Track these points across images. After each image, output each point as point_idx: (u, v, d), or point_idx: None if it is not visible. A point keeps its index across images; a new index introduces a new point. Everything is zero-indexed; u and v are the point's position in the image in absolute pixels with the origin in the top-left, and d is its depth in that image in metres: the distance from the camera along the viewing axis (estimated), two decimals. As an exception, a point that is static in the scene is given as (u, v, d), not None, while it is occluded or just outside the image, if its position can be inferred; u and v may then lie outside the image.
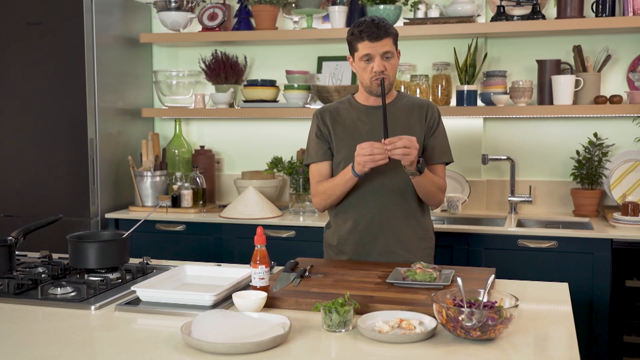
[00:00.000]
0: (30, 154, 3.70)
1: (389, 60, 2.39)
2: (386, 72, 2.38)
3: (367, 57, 2.38)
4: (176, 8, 3.89)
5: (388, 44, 2.37)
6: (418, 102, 2.54)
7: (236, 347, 1.56)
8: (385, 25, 2.38)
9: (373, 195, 2.47)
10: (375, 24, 2.36)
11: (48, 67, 3.62)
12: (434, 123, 2.52)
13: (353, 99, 2.56)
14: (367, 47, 2.36)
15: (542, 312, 1.94)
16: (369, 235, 2.49)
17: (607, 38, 3.55)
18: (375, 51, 2.36)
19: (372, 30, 2.35)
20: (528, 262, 3.14)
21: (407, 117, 2.49)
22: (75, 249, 2.24)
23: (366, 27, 2.36)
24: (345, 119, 2.52)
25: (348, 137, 2.49)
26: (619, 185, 3.42)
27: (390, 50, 2.38)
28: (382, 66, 2.37)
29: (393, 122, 2.44)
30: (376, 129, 2.44)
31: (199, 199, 3.76)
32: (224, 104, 3.91)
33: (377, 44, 2.35)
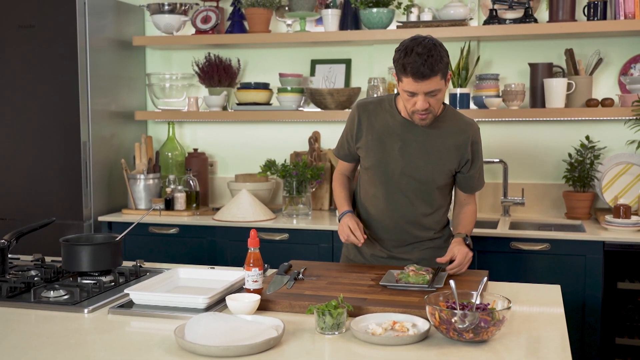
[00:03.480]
0: (23, 156, 3.69)
1: (435, 96, 2.23)
2: (430, 108, 2.24)
3: (411, 94, 2.22)
4: (169, 11, 3.89)
5: (434, 81, 2.18)
6: (460, 125, 2.38)
7: (229, 349, 1.56)
8: (433, 61, 2.15)
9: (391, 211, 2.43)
10: (423, 60, 2.13)
11: (41, 70, 3.62)
12: (474, 154, 2.39)
13: (394, 105, 2.40)
14: (410, 84, 2.18)
15: (535, 314, 1.95)
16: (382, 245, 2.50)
17: (599, 41, 3.57)
18: (419, 89, 2.18)
19: (417, 69, 2.14)
20: (521, 265, 3.15)
21: (444, 142, 2.36)
22: (68, 252, 2.23)
23: (413, 63, 2.14)
24: (380, 124, 2.39)
25: (378, 148, 2.39)
26: (610, 188, 3.44)
27: (437, 88, 2.20)
28: (426, 104, 2.22)
29: (428, 145, 2.35)
30: (409, 145, 2.36)
31: (192, 201, 3.76)
32: (217, 107, 3.91)
33: (422, 84, 2.17)
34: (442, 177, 2.39)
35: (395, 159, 2.37)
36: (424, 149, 2.35)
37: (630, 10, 3.33)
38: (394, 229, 2.45)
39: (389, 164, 2.38)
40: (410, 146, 2.36)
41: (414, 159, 2.36)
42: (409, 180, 2.38)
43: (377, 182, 2.42)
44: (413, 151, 2.35)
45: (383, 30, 3.60)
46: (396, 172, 2.38)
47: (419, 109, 2.23)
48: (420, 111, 2.24)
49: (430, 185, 2.39)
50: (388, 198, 2.42)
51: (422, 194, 2.40)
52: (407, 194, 2.40)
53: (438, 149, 2.36)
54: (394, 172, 2.38)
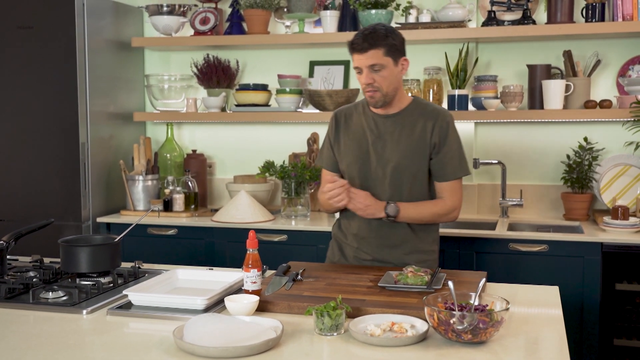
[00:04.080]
0: (21, 157, 3.69)
1: (379, 72, 2.32)
2: (376, 85, 2.33)
3: (357, 70, 2.35)
4: (168, 12, 3.89)
5: (376, 55, 2.30)
6: (428, 113, 2.44)
7: (228, 350, 1.56)
8: (376, 36, 2.30)
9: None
10: (364, 36, 2.30)
11: (39, 71, 3.62)
12: (442, 138, 2.41)
13: (366, 104, 2.50)
14: (355, 59, 2.34)
15: (533, 315, 1.95)
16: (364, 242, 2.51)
17: (597, 43, 3.58)
18: (362, 63, 2.32)
19: (358, 42, 2.31)
20: (519, 266, 3.15)
21: (412, 131, 2.42)
22: (67, 253, 2.23)
23: (355, 39, 2.32)
24: (355, 125, 2.50)
25: (354, 145, 2.47)
26: (609, 189, 3.44)
27: (379, 63, 2.30)
28: (370, 79, 2.32)
29: (397, 135, 2.42)
30: (381, 139, 2.43)
31: (190, 203, 3.76)
32: (216, 108, 3.91)
33: (363, 57, 2.31)
34: (415, 165, 2.41)
35: (370, 153, 2.44)
36: (395, 140, 2.41)
37: (629, 12, 3.34)
38: (375, 226, 2.47)
39: (364, 159, 2.45)
40: (382, 139, 2.43)
41: (387, 150, 2.42)
42: (384, 171, 2.43)
43: (355, 178, 2.48)
44: (386, 143, 2.43)
45: (382, 31, 3.59)
46: (372, 165, 2.44)
47: (363, 82, 2.34)
48: (367, 87, 2.34)
49: (404, 175, 2.42)
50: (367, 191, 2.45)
51: (398, 186, 2.43)
52: (384, 186, 2.44)
53: (408, 138, 2.42)
54: (370, 166, 2.44)
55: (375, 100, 2.37)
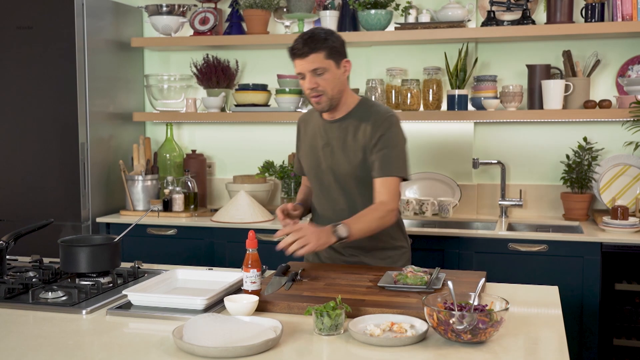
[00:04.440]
0: (21, 158, 3.69)
1: (322, 76, 2.30)
2: (320, 89, 2.32)
3: (300, 75, 2.34)
4: (167, 12, 3.89)
5: (317, 59, 2.28)
6: (370, 115, 2.40)
7: (228, 350, 1.56)
8: (316, 40, 2.28)
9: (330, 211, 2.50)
10: (304, 40, 2.29)
11: (39, 71, 3.62)
12: (378, 136, 2.35)
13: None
14: (297, 65, 2.32)
15: (533, 315, 1.95)
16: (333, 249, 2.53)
17: (597, 43, 3.58)
18: (304, 68, 2.30)
19: (298, 48, 2.29)
20: (518, 266, 3.15)
21: (355, 135, 2.39)
22: (67, 253, 2.23)
23: (295, 45, 2.31)
24: (311, 130, 2.54)
25: (309, 150, 2.53)
26: (608, 189, 3.44)
27: (321, 67, 2.29)
28: (314, 83, 2.30)
29: (343, 141, 2.42)
30: (329, 145, 2.45)
31: (190, 203, 3.76)
32: (215, 108, 3.91)
33: (304, 61, 2.29)
34: (361, 170, 2.40)
35: (322, 158, 2.47)
36: (342, 144, 2.42)
37: (628, 12, 3.34)
38: None
39: (318, 164, 2.48)
40: (331, 144, 2.45)
41: (335, 155, 2.44)
42: (334, 175, 2.45)
43: (314, 182, 2.54)
44: (334, 148, 2.44)
45: (381, 31, 3.60)
46: (324, 170, 2.47)
47: (307, 87, 2.32)
48: (311, 92, 2.33)
49: (352, 182, 2.43)
50: (324, 196, 2.51)
51: (348, 190, 2.44)
52: (336, 190, 2.47)
53: (353, 143, 2.41)
54: (323, 171, 2.47)
55: (322, 106, 2.36)
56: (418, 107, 3.64)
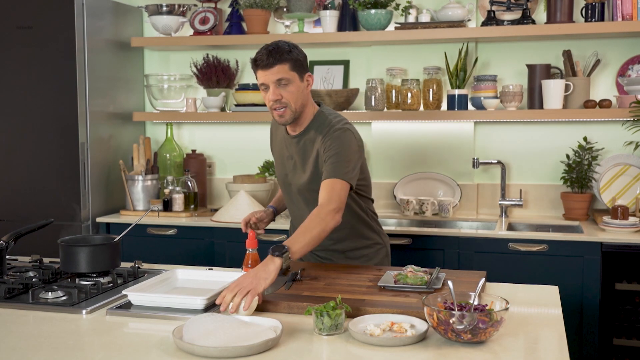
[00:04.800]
0: (21, 157, 3.69)
1: (286, 88, 2.29)
2: (284, 100, 2.29)
3: (263, 86, 2.31)
4: (167, 12, 3.89)
5: (282, 70, 2.26)
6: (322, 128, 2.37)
7: (228, 350, 1.56)
8: (280, 51, 2.27)
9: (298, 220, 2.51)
10: (268, 52, 2.27)
11: (39, 71, 3.62)
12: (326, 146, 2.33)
13: None
14: (260, 76, 2.30)
15: (533, 315, 1.95)
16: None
17: (597, 43, 3.58)
18: (268, 79, 2.28)
19: (262, 59, 2.27)
20: (518, 266, 3.15)
21: (312, 149, 2.39)
22: (66, 253, 2.23)
23: (259, 56, 2.29)
24: (278, 141, 2.56)
25: (278, 157, 2.56)
26: (608, 189, 3.44)
27: (285, 77, 2.27)
28: (277, 94, 2.28)
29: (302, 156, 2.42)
30: (292, 158, 2.47)
31: (190, 203, 3.76)
32: (215, 108, 3.91)
33: (269, 72, 2.27)
34: (316, 183, 2.36)
35: (287, 170, 2.51)
36: (301, 159, 2.44)
37: (628, 12, 3.34)
38: None
39: (284, 176, 2.52)
40: (293, 158, 2.47)
41: (297, 170, 2.46)
42: (297, 188, 2.47)
43: (283, 191, 2.59)
44: (296, 162, 2.46)
45: (381, 31, 3.60)
46: (288, 182, 2.51)
47: (271, 99, 2.29)
48: (274, 104, 2.30)
49: (310, 192, 2.42)
50: (292, 206, 2.56)
51: (309, 202, 2.42)
52: (300, 201, 2.50)
53: (310, 158, 2.41)
54: (288, 182, 2.51)
55: (285, 119, 2.33)
56: (418, 107, 3.64)
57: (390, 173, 3.83)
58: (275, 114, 2.33)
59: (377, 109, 3.68)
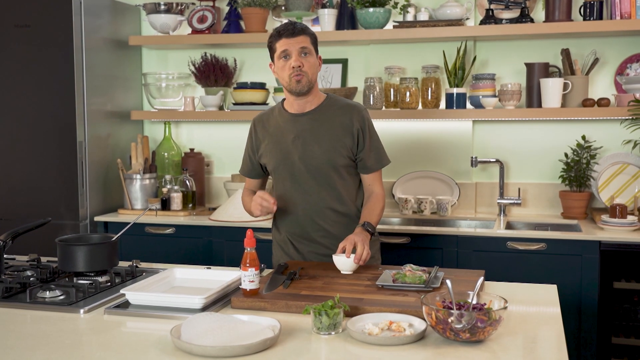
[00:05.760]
0: (18, 156, 3.69)
1: (307, 58, 2.42)
2: (304, 69, 2.40)
3: (285, 54, 2.42)
4: (165, 11, 3.88)
5: (305, 41, 2.42)
6: (344, 108, 2.52)
7: (226, 350, 1.56)
8: (303, 25, 2.45)
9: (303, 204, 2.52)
10: (292, 24, 2.43)
11: (37, 69, 3.61)
12: (362, 129, 2.49)
13: (281, 106, 2.57)
14: (284, 43, 2.41)
15: (531, 314, 1.95)
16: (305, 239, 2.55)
17: (595, 41, 3.57)
18: (292, 47, 2.40)
19: (288, 28, 2.41)
20: (517, 264, 3.15)
21: (332, 126, 2.48)
22: (64, 252, 2.23)
23: (282, 27, 2.43)
24: (273, 127, 2.56)
25: (275, 147, 2.53)
26: (607, 188, 3.44)
27: (308, 47, 2.42)
28: (300, 62, 2.40)
29: (316, 131, 2.47)
30: (300, 137, 2.48)
31: (188, 201, 3.75)
32: (213, 107, 3.91)
33: (293, 40, 2.40)
34: (338, 158, 2.46)
35: (292, 151, 2.49)
36: (315, 135, 2.47)
37: (626, 10, 3.34)
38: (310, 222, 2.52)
39: (288, 157, 2.50)
40: (302, 136, 2.49)
41: (308, 146, 2.48)
42: (308, 166, 2.48)
43: (283, 177, 2.54)
44: (306, 139, 2.48)
45: (379, 30, 3.59)
46: (295, 161, 2.49)
47: (294, 65, 2.39)
48: (295, 70, 2.40)
49: (327, 168, 2.47)
50: (296, 190, 2.52)
51: (323, 179, 2.48)
52: (308, 181, 2.49)
53: (327, 132, 2.48)
54: (294, 163, 2.49)
55: (302, 85, 2.42)
56: (416, 106, 3.64)
57: (388, 172, 3.82)
58: (294, 80, 2.41)
59: (376, 107, 3.68)
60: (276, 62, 2.46)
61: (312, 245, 2.55)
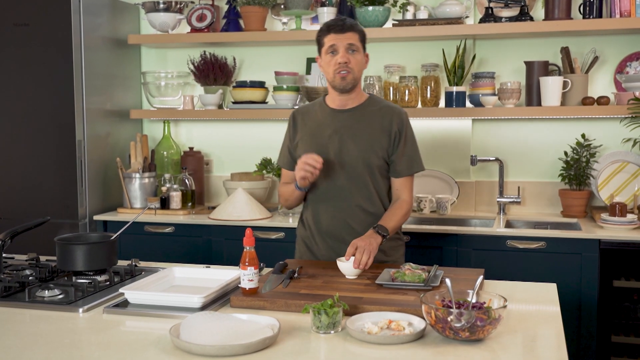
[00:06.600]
0: (17, 155, 3.68)
1: (354, 55, 2.42)
2: (350, 66, 2.40)
3: (332, 49, 2.42)
4: (164, 9, 3.88)
5: (353, 38, 2.41)
6: (385, 109, 2.52)
7: (225, 349, 1.56)
8: (352, 21, 2.44)
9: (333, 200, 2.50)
10: (342, 19, 2.43)
11: (35, 68, 3.60)
12: (400, 133, 2.49)
13: (323, 101, 2.59)
14: (332, 39, 2.41)
15: (531, 312, 1.95)
16: (331, 237, 2.53)
17: (595, 39, 3.57)
18: (339, 43, 2.40)
19: (338, 24, 2.41)
20: (517, 263, 3.15)
21: (371, 125, 2.48)
22: (63, 251, 2.22)
23: (332, 22, 2.44)
24: (312, 120, 2.56)
25: (312, 139, 2.52)
26: (606, 186, 3.44)
27: (355, 44, 2.41)
28: (346, 58, 2.39)
29: (355, 129, 2.47)
30: (338, 133, 2.47)
31: (187, 200, 3.75)
32: (212, 105, 3.90)
33: (341, 36, 2.39)
34: (373, 157, 2.46)
35: (328, 146, 2.48)
36: (352, 132, 2.47)
37: (626, 8, 3.33)
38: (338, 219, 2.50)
39: (322, 152, 2.47)
40: (339, 132, 2.48)
41: (345, 143, 2.47)
42: (342, 163, 2.46)
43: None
44: (343, 136, 2.47)
45: (379, 28, 3.59)
46: (330, 157, 2.47)
47: (340, 61, 2.39)
48: (341, 66, 2.40)
49: (361, 167, 2.46)
50: (327, 185, 2.49)
51: (355, 177, 2.46)
52: (342, 180, 2.46)
53: (366, 131, 2.47)
54: (329, 158, 2.47)
55: (347, 82, 2.43)
56: (416, 104, 3.64)
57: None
58: (338, 76, 2.42)
59: (375, 106, 3.67)
60: (323, 57, 2.46)
61: (337, 243, 2.50)
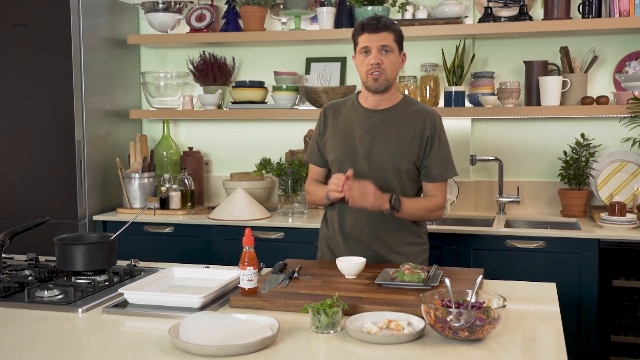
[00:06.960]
0: (17, 155, 3.68)
1: (387, 56, 2.38)
2: (383, 67, 2.36)
3: (365, 50, 2.38)
4: (164, 9, 3.88)
5: (387, 38, 2.37)
6: (418, 111, 2.47)
7: (224, 349, 1.56)
8: (389, 21, 2.39)
9: None
10: (377, 18, 2.38)
11: (35, 68, 3.60)
12: (432, 137, 2.43)
13: (356, 98, 2.54)
14: (365, 39, 2.38)
15: (530, 312, 1.95)
16: (354, 238, 2.51)
17: (594, 39, 3.57)
18: (372, 43, 2.36)
19: (372, 23, 2.37)
20: (516, 263, 3.15)
21: (403, 128, 2.44)
22: (63, 252, 2.22)
23: (367, 21, 2.39)
24: (344, 118, 2.51)
25: (342, 138, 2.48)
26: (606, 186, 3.44)
27: (389, 45, 2.37)
28: (379, 59, 2.36)
29: (386, 130, 2.43)
30: (369, 133, 2.44)
31: (187, 200, 3.75)
32: (212, 106, 3.90)
33: (374, 36, 2.36)
34: (403, 162, 2.42)
35: (358, 146, 2.44)
36: (384, 134, 2.43)
37: (625, 8, 3.33)
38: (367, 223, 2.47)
39: (351, 153, 2.45)
40: (371, 133, 2.44)
41: (376, 144, 2.43)
42: (370, 164, 2.43)
43: (343, 171, 2.41)
44: (374, 137, 2.43)
45: (378, 28, 3.59)
46: (359, 158, 2.44)
47: (372, 62, 2.36)
48: (373, 67, 2.36)
49: (391, 171, 2.42)
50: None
51: (383, 180, 2.41)
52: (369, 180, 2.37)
53: (398, 134, 2.43)
54: (357, 158, 2.44)
55: (379, 83, 2.39)
56: (415, 104, 3.63)
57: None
58: (370, 78, 2.38)
59: (374, 106, 3.67)
60: (357, 56, 2.43)
61: (357, 245, 2.49)
